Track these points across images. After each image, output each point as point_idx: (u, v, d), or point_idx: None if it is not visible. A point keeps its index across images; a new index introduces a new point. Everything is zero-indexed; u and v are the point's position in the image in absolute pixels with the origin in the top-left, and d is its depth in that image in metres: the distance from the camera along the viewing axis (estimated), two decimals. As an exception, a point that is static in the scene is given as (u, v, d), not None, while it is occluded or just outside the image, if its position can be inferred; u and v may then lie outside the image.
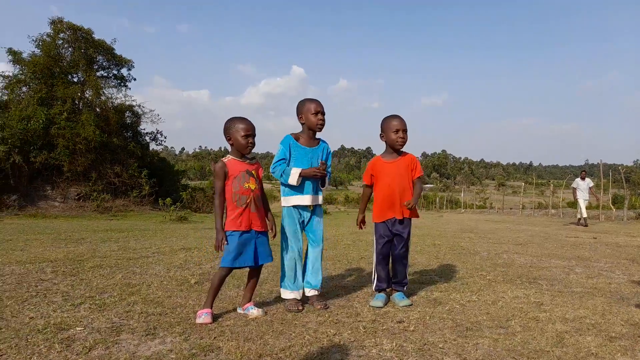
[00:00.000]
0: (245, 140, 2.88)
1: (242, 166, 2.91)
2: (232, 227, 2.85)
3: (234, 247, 2.82)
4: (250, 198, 2.90)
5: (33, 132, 17.64)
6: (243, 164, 2.92)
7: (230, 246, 2.83)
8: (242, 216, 2.87)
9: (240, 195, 2.87)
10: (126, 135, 22.68)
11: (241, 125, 2.89)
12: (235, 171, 2.87)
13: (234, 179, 2.87)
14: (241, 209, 2.87)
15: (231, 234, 2.85)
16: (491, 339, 2.44)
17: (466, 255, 5.81)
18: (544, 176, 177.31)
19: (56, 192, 18.68)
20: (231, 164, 2.89)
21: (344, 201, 58.35)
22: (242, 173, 2.89)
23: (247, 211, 2.88)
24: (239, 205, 2.87)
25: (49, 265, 4.60)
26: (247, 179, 2.90)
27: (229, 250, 2.82)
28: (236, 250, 2.82)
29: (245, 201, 2.88)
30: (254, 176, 2.95)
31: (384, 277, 3.30)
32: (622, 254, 6.03)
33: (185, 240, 7.45)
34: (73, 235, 7.99)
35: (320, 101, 3.20)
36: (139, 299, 3.23)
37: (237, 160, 2.92)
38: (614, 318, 2.87)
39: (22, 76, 19.57)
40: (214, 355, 2.18)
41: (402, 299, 3.20)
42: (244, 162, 2.94)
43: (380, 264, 3.30)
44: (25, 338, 2.36)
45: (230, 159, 2.91)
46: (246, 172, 2.91)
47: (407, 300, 3.19)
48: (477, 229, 11.18)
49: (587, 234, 9.76)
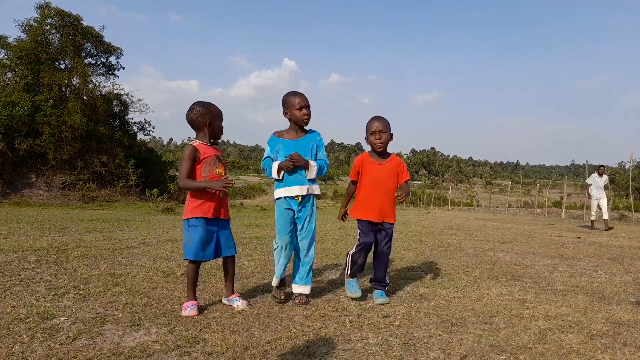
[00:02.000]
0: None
1: (211, 151, 2.86)
2: (198, 214, 2.77)
3: (197, 238, 2.75)
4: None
5: (18, 119, 17.35)
6: (212, 149, 2.87)
7: (193, 237, 2.76)
8: (210, 202, 2.80)
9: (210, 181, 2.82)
10: (113, 124, 22.43)
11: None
12: (205, 155, 2.81)
13: (204, 164, 2.81)
14: (209, 195, 2.80)
15: (193, 223, 2.78)
16: (475, 335, 2.47)
17: (452, 252, 5.86)
18: (531, 175, 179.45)
19: (41, 180, 18.42)
20: (201, 149, 2.82)
21: (333, 196, 58.36)
22: (212, 158, 2.84)
23: (215, 197, 2.82)
24: (206, 192, 2.80)
25: (33, 254, 4.53)
26: (217, 164, 2.85)
27: (191, 242, 2.76)
28: (199, 241, 2.76)
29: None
30: (222, 162, 2.91)
31: (360, 266, 3.21)
32: (605, 254, 6.14)
33: (171, 231, 7.39)
34: (57, 224, 7.89)
35: (304, 95, 3.14)
36: (124, 290, 3.20)
37: (205, 144, 2.86)
38: (596, 316, 2.92)
39: (7, 61, 19.20)
40: (199, 347, 2.17)
41: (379, 296, 3.14)
42: (213, 146, 2.90)
43: (359, 252, 3.19)
44: (7, 327, 2.32)
45: (199, 143, 2.84)
46: (215, 157, 2.86)
47: (384, 298, 3.12)
48: (463, 227, 11.29)
49: (571, 233, 9.91)
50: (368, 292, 3.37)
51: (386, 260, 3.25)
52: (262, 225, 9.60)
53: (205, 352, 2.10)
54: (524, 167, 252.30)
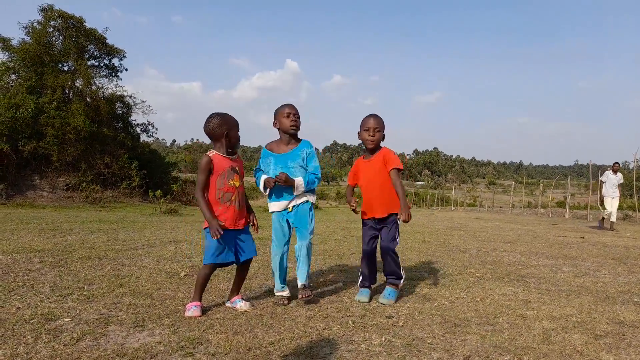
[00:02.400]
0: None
1: (227, 162, 2.86)
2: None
3: (215, 243, 2.77)
4: (234, 195, 2.85)
5: (22, 121, 17.40)
6: (228, 160, 2.87)
7: (211, 242, 2.78)
8: (227, 214, 2.82)
9: (225, 193, 2.82)
10: (117, 126, 22.46)
11: (235, 121, 2.91)
12: (220, 167, 2.82)
13: (218, 176, 2.81)
14: (225, 207, 2.82)
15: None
16: (479, 335, 2.46)
17: (456, 253, 5.85)
18: (534, 176, 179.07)
19: (45, 182, 18.47)
20: (217, 160, 2.83)
21: (336, 197, 58.40)
22: (227, 170, 2.84)
23: (232, 209, 2.84)
24: (222, 203, 2.82)
25: (37, 255, 4.55)
26: (232, 176, 2.85)
27: (210, 247, 2.78)
28: (218, 246, 2.78)
29: (229, 198, 2.83)
30: (238, 173, 2.91)
31: (367, 275, 3.28)
32: (609, 254, 6.12)
33: (175, 232, 7.41)
34: (61, 226, 7.91)
35: (293, 104, 3.17)
36: (127, 291, 3.20)
37: (222, 156, 2.86)
38: (600, 316, 2.91)
39: (11, 64, 19.27)
40: (202, 347, 2.17)
41: (384, 297, 3.14)
42: (228, 158, 2.89)
43: (363, 261, 3.29)
44: (11, 328, 2.33)
45: (215, 154, 2.84)
46: (231, 168, 2.86)
47: (386, 299, 3.11)
48: (467, 227, 11.26)
49: (575, 233, 9.87)
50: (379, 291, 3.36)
51: (392, 255, 3.18)
52: (264, 226, 9.60)
53: (209, 353, 2.10)
54: (527, 167, 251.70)
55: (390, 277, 3.26)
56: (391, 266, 3.22)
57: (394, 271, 3.23)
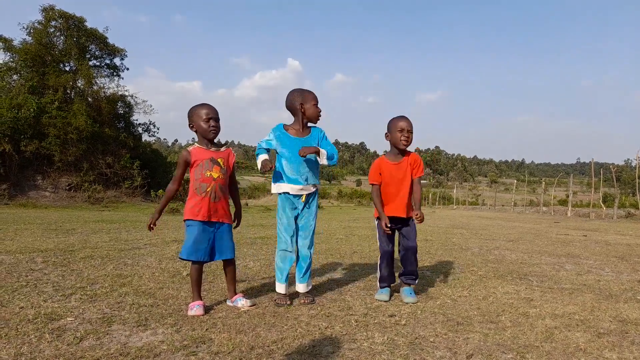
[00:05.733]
0: (207, 124, 2.82)
1: (206, 154, 2.85)
2: (190, 216, 2.80)
3: (191, 239, 2.77)
4: (210, 187, 2.83)
5: (24, 121, 17.45)
6: (208, 152, 2.86)
7: (187, 237, 2.79)
8: (201, 204, 2.80)
9: (201, 183, 2.81)
10: (118, 125, 22.52)
11: (203, 110, 2.85)
12: (198, 159, 2.83)
13: (196, 167, 2.82)
14: (200, 198, 2.81)
15: (190, 223, 2.81)
16: (481, 334, 2.46)
17: (458, 251, 5.85)
18: (536, 174, 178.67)
19: (47, 182, 18.52)
20: (195, 152, 2.84)
21: (337, 196, 58.40)
22: (205, 161, 2.83)
23: (206, 200, 2.82)
24: (198, 194, 2.82)
25: (40, 255, 4.56)
26: (210, 167, 2.84)
27: (186, 242, 2.79)
28: (192, 242, 2.77)
29: (205, 189, 2.82)
30: (220, 165, 2.88)
31: (387, 276, 3.28)
32: (612, 252, 6.10)
33: (177, 232, 7.42)
34: (64, 226, 7.93)
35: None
36: (130, 290, 3.21)
37: (202, 148, 2.87)
38: (603, 314, 2.90)
39: (12, 64, 19.33)
40: (205, 346, 2.17)
41: (408, 295, 3.17)
42: (210, 149, 2.88)
43: (384, 262, 3.28)
44: (15, 328, 2.34)
45: (196, 147, 2.86)
46: (210, 159, 2.85)
47: (413, 298, 3.15)
48: (469, 226, 11.25)
49: (578, 231, 9.86)
50: (395, 289, 3.36)
51: (415, 254, 3.27)
52: (266, 225, 9.61)
53: (212, 352, 2.10)
54: (529, 165, 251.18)
55: (409, 277, 3.29)
56: (413, 265, 3.28)
57: (414, 270, 3.29)
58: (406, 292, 3.21)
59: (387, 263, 3.28)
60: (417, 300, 3.16)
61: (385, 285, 3.29)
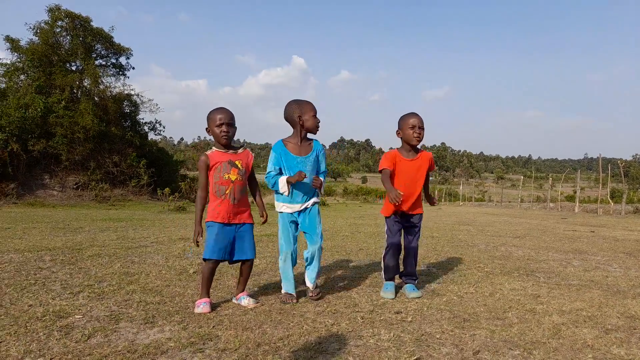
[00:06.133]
0: (219, 129, 2.82)
1: (224, 157, 2.87)
2: (211, 218, 2.84)
3: (212, 238, 2.80)
4: (229, 189, 2.85)
5: (31, 121, 17.56)
6: (226, 155, 2.88)
7: (208, 237, 2.81)
8: (220, 207, 2.84)
9: (219, 186, 2.84)
10: (125, 124, 22.59)
11: (217, 115, 2.84)
12: (217, 162, 2.85)
13: (215, 170, 2.84)
14: (220, 200, 2.84)
15: (210, 224, 2.84)
16: (488, 330, 2.45)
17: (464, 248, 5.83)
18: (543, 170, 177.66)
19: (54, 181, 18.65)
20: (213, 156, 2.86)
21: (343, 193, 58.35)
22: (223, 164, 2.85)
23: (226, 202, 2.85)
24: (218, 196, 2.85)
25: (48, 253, 4.60)
26: (229, 169, 2.85)
27: (207, 242, 2.81)
28: (213, 241, 2.79)
29: (224, 192, 2.84)
30: (238, 167, 2.89)
31: (393, 268, 3.30)
32: (620, 248, 6.06)
33: (183, 230, 7.45)
34: (71, 224, 8.00)
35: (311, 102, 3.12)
36: (137, 288, 3.23)
37: (220, 151, 2.88)
38: (610, 311, 2.88)
39: (20, 64, 19.45)
40: (212, 343, 2.19)
41: (412, 291, 3.20)
42: (227, 152, 2.89)
43: (391, 255, 3.28)
44: (24, 325, 2.37)
45: (214, 151, 2.88)
46: (228, 162, 2.86)
47: (417, 292, 3.18)
48: (475, 222, 11.21)
49: (585, 227, 9.79)
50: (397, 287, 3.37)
51: (416, 255, 3.34)
52: (271, 223, 9.62)
53: (218, 349, 2.11)
54: (536, 161, 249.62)
55: (409, 278, 3.32)
56: (413, 266, 3.33)
57: (414, 272, 3.33)
58: (409, 289, 3.23)
59: (392, 254, 3.29)
60: (421, 294, 3.18)
61: (390, 276, 3.30)
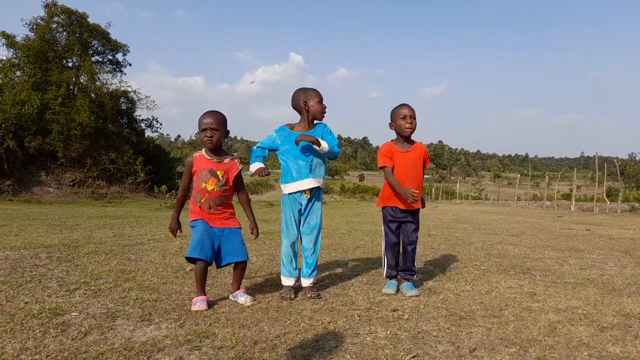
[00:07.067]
0: (203, 134, 2.79)
1: (207, 164, 2.83)
2: (193, 218, 2.88)
3: (195, 236, 2.79)
4: (204, 198, 2.83)
5: (27, 117, 17.48)
6: (209, 162, 2.83)
7: (193, 236, 2.81)
8: (199, 210, 2.87)
9: (197, 193, 2.84)
10: (121, 121, 22.52)
11: (203, 120, 2.79)
12: (198, 168, 2.83)
13: (196, 176, 2.84)
14: (197, 206, 2.87)
15: (194, 224, 2.86)
16: (484, 328, 2.46)
17: (461, 246, 5.85)
18: (540, 168, 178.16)
19: (50, 178, 18.58)
20: (198, 160, 2.84)
21: (340, 191, 58.35)
22: (204, 171, 2.82)
23: (202, 210, 2.86)
24: (195, 202, 2.87)
25: (44, 250, 4.58)
26: (207, 178, 2.81)
27: (191, 240, 2.81)
28: (198, 239, 2.77)
29: (199, 200, 2.85)
30: (218, 177, 2.82)
31: (394, 264, 3.31)
32: (615, 246, 6.09)
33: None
34: (68, 222, 7.97)
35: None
36: (134, 285, 3.23)
37: (205, 157, 2.85)
38: (606, 309, 2.90)
39: (15, 60, 19.34)
40: (209, 341, 2.18)
41: (410, 289, 3.19)
42: (212, 160, 2.84)
43: (390, 251, 3.30)
44: (20, 323, 2.36)
45: (199, 155, 2.86)
46: (209, 171, 2.82)
47: (415, 291, 3.18)
48: (472, 220, 11.24)
49: (581, 225, 9.83)
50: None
51: (414, 250, 3.32)
52: (270, 220, 9.62)
53: (215, 347, 2.11)
54: (533, 159, 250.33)
55: (407, 273, 3.31)
56: (412, 261, 3.31)
57: (413, 266, 3.32)
58: (407, 287, 3.23)
59: (392, 251, 3.30)
60: (418, 293, 3.18)
61: (393, 274, 3.31)
